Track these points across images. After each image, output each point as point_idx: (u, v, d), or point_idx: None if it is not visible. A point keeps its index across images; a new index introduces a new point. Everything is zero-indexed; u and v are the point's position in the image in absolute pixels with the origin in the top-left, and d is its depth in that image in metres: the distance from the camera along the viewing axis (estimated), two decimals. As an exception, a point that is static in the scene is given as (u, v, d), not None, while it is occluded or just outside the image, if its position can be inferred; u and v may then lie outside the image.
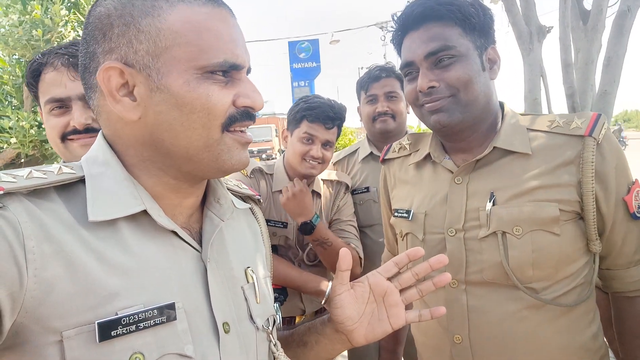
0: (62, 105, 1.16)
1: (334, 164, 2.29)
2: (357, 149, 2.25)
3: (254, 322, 0.78)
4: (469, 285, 1.08)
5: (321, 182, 1.99)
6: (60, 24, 5.67)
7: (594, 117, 1.03)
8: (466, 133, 1.12)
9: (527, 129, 1.10)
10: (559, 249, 1.01)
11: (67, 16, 5.90)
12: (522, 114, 1.16)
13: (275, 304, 0.93)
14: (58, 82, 1.15)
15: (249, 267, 0.83)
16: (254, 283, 0.81)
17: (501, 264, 1.02)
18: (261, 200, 1.04)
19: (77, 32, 6.10)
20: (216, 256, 0.76)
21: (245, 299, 0.79)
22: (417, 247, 0.88)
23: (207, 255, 0.73)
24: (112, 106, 0.67)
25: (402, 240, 1.23)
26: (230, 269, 0.79)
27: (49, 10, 5.61)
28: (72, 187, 0.67)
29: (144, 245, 0.67)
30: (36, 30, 5.83)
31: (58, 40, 5.70)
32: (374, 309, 0.89)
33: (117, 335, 0.59)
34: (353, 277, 0.93)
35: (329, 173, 2.04)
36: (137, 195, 0.68)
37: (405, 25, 1.11)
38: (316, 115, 1.77)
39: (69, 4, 6.21)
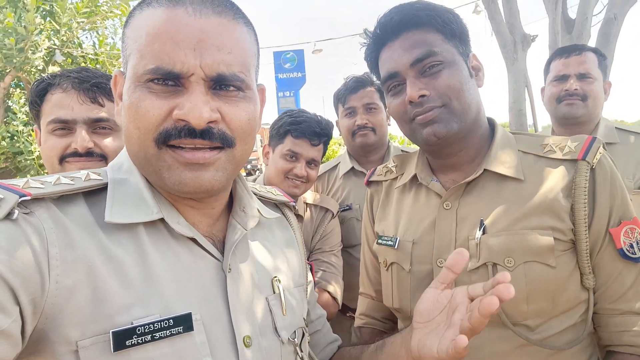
0: (65, 127, 1.17)
1: None
2: (337, 164, 2.16)
3: (279, 335, 0.75)
4: None
5: (304, 205, 1.87)
6: (35, 32, 5.44)
7: (588, 140, 0.97)
8: (458, 146, 1.04)
9: (519, 151, 1.03)
10: (555, 283, 0.92)
11: (42, 24, 5.67)
12: (512, 133, 1.09)
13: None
14: (65, 104, 1.16)
15: (275, 277, 0.80)
16: (280, 294, 0.78)
17: None
18: (296, 207, 0.99)
19: (53, 40, 5.89)
20: (239, 266, 0.74)
21: (270, 310, 0.76)
22: (505, 274, 0.68)
23: (228, 264, 0.71)
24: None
25: (387, 270, 1.13)
26: (255, 279, 0.76)
27: (23, 18, 5.39)
28: (98, 193, 0.67)
29: (162, 254, 0.66)
30: (9, 39, 5.62)
31: (32, 49, 5.51)
32: (441, 322, 0.74)
33: (132, 345, 0.58)
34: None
35: (314, 196, 1.92)
36: (156, 202, 0.68)
37: (382, 36, 1.03)
38: (302, 130, 1.67)
39: (44, 12, 5.99)
